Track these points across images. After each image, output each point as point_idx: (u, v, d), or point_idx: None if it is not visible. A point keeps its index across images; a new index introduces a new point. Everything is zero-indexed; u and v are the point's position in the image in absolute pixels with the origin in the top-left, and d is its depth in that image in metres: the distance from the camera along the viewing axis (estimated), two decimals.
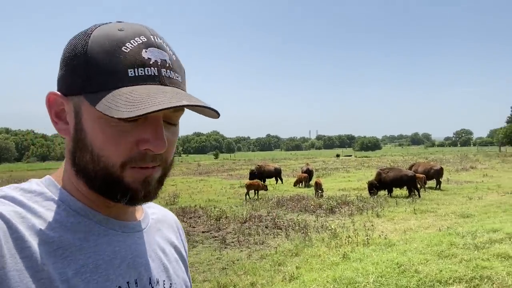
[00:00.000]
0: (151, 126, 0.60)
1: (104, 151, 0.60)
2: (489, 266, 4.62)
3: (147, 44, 0.61)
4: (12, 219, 0.55)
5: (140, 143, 0.60)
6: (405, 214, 9.93)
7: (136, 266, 0.67)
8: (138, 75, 0.59)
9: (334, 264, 5.64)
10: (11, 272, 0.52)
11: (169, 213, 0.88)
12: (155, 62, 0.61)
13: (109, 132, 0.59)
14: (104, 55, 0.59)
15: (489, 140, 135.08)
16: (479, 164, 28.12)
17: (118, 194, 0.62)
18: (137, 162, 0.61)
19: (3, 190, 0.61)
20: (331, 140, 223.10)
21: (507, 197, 12.17)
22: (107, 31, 0.62)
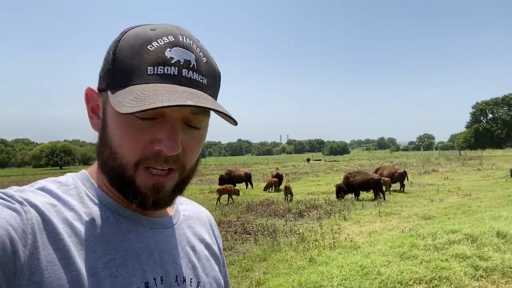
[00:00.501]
0: (167, 127, 0.60)
1: (121, 148, 0.61)
2: (448, 267, 4.80)
3: (173, 43, 0.62)
4: (46, 211, 0.57)
5: (154, 143, 0.60)
6: (370, 216, 10.18)
7: (163, 263, 0.67)
8: (157, 73, 0.59)
9: (300, 268, 5.68)
10: (44, 263, 0.53)
11: (202, 210, 0.88)
12: (177, 61, 0.61)
13: (126, 128, 0.60)
14: (130, 53, 0.61)
15: (450, 144, 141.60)
16: (440, 168, 29.37)
17: (130, 195, 0.63)
18: (150, 161, 0.61)
19: (41, 182, 0.63)
20: (301, 145, 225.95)
21: (466, 199, 12.74)
22: (139, 30, 0.64)
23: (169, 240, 0.71)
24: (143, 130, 0.60)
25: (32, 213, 0.56)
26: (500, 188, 14.91)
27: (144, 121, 0.59)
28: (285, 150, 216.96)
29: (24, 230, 0.53)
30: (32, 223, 0.55)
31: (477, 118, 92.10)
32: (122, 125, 0.60)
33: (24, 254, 0.52)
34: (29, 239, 0.53)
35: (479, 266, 4.78)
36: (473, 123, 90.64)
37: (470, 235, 6.02)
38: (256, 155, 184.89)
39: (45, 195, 0.60)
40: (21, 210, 0.55)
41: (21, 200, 0.56)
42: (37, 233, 0.54)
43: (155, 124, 0.60)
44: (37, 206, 0.57)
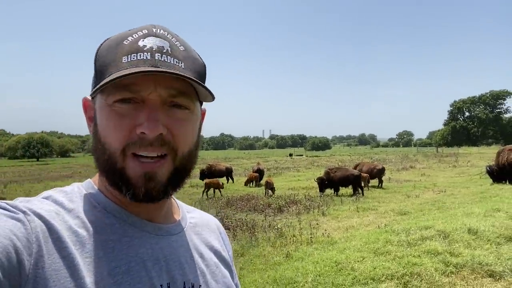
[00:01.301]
0: (146, 109, 0.62)
1: (107, 137, 0.62)
2: (419, 263, 4.89)
3: (147, 34, 0.65)
4: (51, 220, 0.58)
5: (137, 127, 0.61)
6: (348, 212, 10.31)
7: (170, 269, 0.67)
8: (130, 60, 0.61)
9: (276, 264, 5.70)
10: (49, 272, 0.53)
11: (211, 218, 0.89)
12: (150, 48, 0.63)
13: (110, 116, 0.62)
14: (107, 51, 0.64)
15: (428, 141, 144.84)
16: (418, 164, 30.01)
17: (123, 187, 0.63)
18: (135, 146, 0.61)
19: (48, 192, 0.64)
20: (284, 140, 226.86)
21: (441, 195, 13.06)
22: (119, 33, 0.67)
23: (175, 247, 0.70)
24: (125, 115, 0.61)
25: (36, 222, 0.56)
26: (474, 185, 15.35)
27: (125, 105, 0.61)
28: (267, 145, 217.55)
29: (28, 239, 0.53)
30: (37, 232, 0.55)
31: (455, 116, 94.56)
32: (107, 115, 0.62)
33: (29, 263, 0.52)
34: (34, 248, 0.53)
35: (449, 262, 4.89)
36: (450, 121, 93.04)
37: (442, 231, 6.15)
38: (239, 149, 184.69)
39: (50, 203, 0.61)
40: (24, 220, 0.55)
41: (24, 209, 0.57)
42: (42, 242, 0.55)
43: (136, 109, 0.62)
44: (41, 215, 0.57)
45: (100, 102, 0.64)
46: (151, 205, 0.68)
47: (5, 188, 19.41)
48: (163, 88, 0.62)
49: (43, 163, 60.63)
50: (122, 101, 0.61)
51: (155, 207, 0.70)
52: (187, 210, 0.83)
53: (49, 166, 46.16)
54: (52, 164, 54.16)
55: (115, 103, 0.61)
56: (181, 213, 0.80)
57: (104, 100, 0.62)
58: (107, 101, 0.62)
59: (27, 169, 39.55)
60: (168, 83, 0.63)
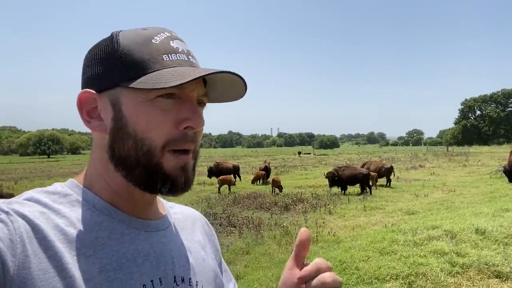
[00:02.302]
0: (188, 105, 0.64)
1: (148, 133, 0.62)
2: (425, 263, 4.85)
3: (171, 37, 0.67)
4: (35, 220, 0.57)
5: (179, 123, 0.63)
6: (355, 211, 10.26)
7: (160, 264, 0.67)
8: (172, 60, 0.64)
9: (281, 262, 5.70)
10: (36, 272, 0.53)
11: (194, 212, 0.89)
12: (182, 50, 0.67)
13: (152, 112, 0.62)
14: (137, 46, 0.64)
15: (438, 140, 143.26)
16: (427, 163, 29.70)
17: (159, 182, 0.63)
18: (177, 143, 0.63)
19: (28, 193, 0.63)
20: (291, 138, 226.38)
21: (451, 194, 12.91)
22: (133, 31, 0.67)
23: (164, 242, 0.71)
24: (168, 110, 0.63)
25: (20, 222, 0.55)
26: (484, 185, 15.15)
27: (168, 100, 0.63)
28: (275, 143, 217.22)
29: (12, 240, 0.52)
30: (20, 232, 0.54)
31: (466, 115, 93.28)
32: (148, 110, 0.62)
33: (14, 264, 0.51)
34: (18, 249, 0.52)
35: (456, 262, 4.84)
36: (461, 120, 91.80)
37: (449, 231, 6.09)
38: (247, 147, 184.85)
39: (33, 204, 0.60)
40: (7, 220, 0.54)
41: (7, 210, 0.55)
42: (27, 242, 0.54)
43: (177, 105, 0.64)
44: (24, 215, 0.56)
45: (134, 96, 0.63)
46: (141, 202, 0.69)
47: (15, 184, 19.74)
48: (200, 87, 0.67)
49: (53, 160, 61.50)
50: (164, 96, 0.62)
51: (144, 204, 0.70)
52: (169, 205, 0.83)
53: (59, 163, 46.78)
54: (62, 161, 54.88)
55: (158, 98, 0.62)
56: (165, 208, 0.80)
57: (143, 95, 0.62)
58: (148, 96, 0.62)
59: (38, 166, 40.13)
60: (201, 83, 0.68)
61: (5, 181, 21.54)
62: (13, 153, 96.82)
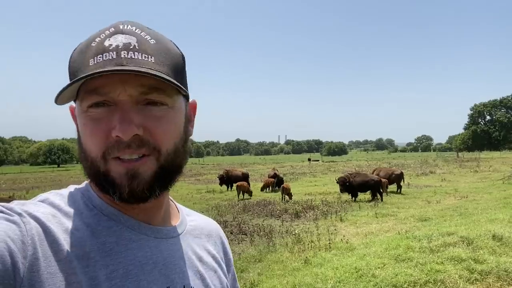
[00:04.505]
0: (118, 111, 0.59)
1: (87, 145, 0.61)
2: (443, 270, 4.77)
3: (113, 32, 0.62)
4: (47, 222, 0.56)
5: (112, 131, 0.59)
6: (367, 218, 10.16)
7: (169, 273, 0.66)
8: (97, 62, 0.59)
9: (295, 269, 5.65)
10: (45, 275, 0.52)
11: (211, 221, 0.86)
12: (115, 46, 0.60)
13: (87, 122, 0.60)
14: (77, 55, 0.62)
15: (447, 146, 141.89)
16: (438, 169, 29.37)
17: (110, 189, 0.61)
18: (113, 151, 0.59)
19: (43, 195, 0.63)
20: (299, 145, 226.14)
21: (463, 201, 12.73)
22: (89, 36, 0.64)
23: (174, 250, 0.69)
24: (100, 119, 0.60)
25: (32, 224, 0.55)
26: (497, 190, 14.91)
27: (99, 109, 0.60)
28: (283, 150, 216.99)
29: (23, 242, 0.52)
30: (32, 234, 0.54)
31: (475, 120, 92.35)
32: (83, 121, 0.61)
33: (24, 266, 0.51)
34: (29, 251, 0.52)
35: (474, 269, 4.75)
36: (471, 125, 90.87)
37: (466, 237, 5.99)
38: (254, 155, 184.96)
39: (47, 206, 0.60)
40: (20, 222, 0.54)
41: (20, 211, 0.55)
42: (38, 244, 0.53)
43: (109, 112, 0.60)
44: (37, 217, 0.56)
45: (77, 109, 0.63)
46: (148, 207, 0.66)
47: (27, 193, 19.95)
48: (132, 87, 0.59)
49: (63, 169, 62.07)
50: (95, 106, 0.60)
51: (152, 209, 0.68)
52: (186, 213, 0.81)
53: (69, 172, 47.21)
54: (72, 170, 55.34)
55: (89, 109, 0.60)
56: (181, 216, 0.78)
57: (79, 106, 0.61)
58: (82, 108, 0.61)
59: (48, 175, 40.55)
60: (137, 80, 0.59)
61: (17, 190, 21.80)
62: (23, 163, 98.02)
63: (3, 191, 21.58)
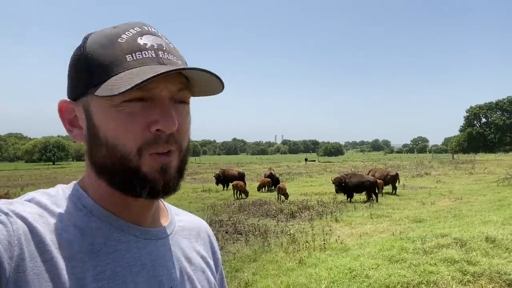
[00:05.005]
0: (158, 106, 0.60)
1: (119, 139, 0.60)
2: (436, 271, 4.79)
3: (141, 32, 0.63)
4: (34, 222, 0.56)
5: (151, 125, 0.60)
6: (362, 218, 10.19)
7: (157, 274, 0.65)
8: (137, 59, 0.60)
9: (289, 269, 5.66)
10: (31, 276, 0.52)
11: (200, 221, 0.86)
12: (151, 46, 0.62)
13: (120, 117, 0.59)
14: (102, 49, 0.61)
15: (443, 147, 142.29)
16: (433, 171, 29.51)
17: (137, 186, 0.61)
18: (152, 146, 0.60)
19: (30, 194, 0.62)
20: (296, 145, 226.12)
21: (458, 202, 12.80)
22: (102, 31, 0.64)
23: (162, 251, 0.68)
24: (136, 114, 0.59)
25: (19, 223, 0.54)
26: (491, 192, 15.01)
27: (135, 104, 0.59)
28: (279, 150, 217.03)
29: (10, 242, 0.52)
30: (19, 234, 0.53)
31: (471, 122, 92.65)
32: (114, 116, 0.59)
33: (10, 266, 0.51)
34: (15, 251, 0.52)
35: (467, 270, 4.78)
36: (466, 127, 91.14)
37: (459, 239, 6.03)
38: (251, 154, 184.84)
39: (33, 206, 0.59)
40: (6, 222, 0.53)
41: (7, 211, 0.55)
42: (24, 245, 0.53)
43: (146, 108, 0.60)
44: (24, 217, 0.55)
45: (101, 103, 0.60)
46: (142, 207, 0.67)
47: (22, 191, 19.82)
48: (173, 84, 0.62)
49: (59, 166, 61.76)
50: (130, 100, 0.59)
51: (145, 209, 0.68)
52: (175, 212, 0.80)
53: (65, 170, 46.98)
54: (68, 167, 55.11)
55: (124, 103, 0.59)
56: (170, 216, 0.77)
57: (108, 101, 0.59)
58: (113, 102, 0.59)
59: (43, 173, 40.32)
60: (177, 79, 0.62)
61: (12, 187, 21.65)
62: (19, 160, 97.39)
63: None
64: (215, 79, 0.63)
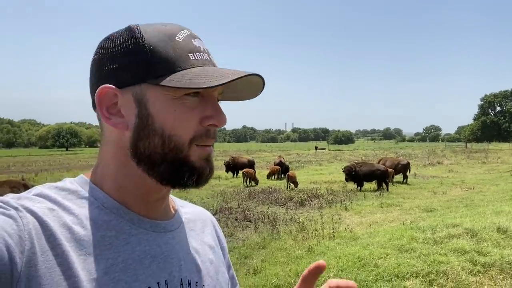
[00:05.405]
0: (211, 103, 0.66)
1: (176, 130, 0.63)
2: (446, 261, 4.78)
3: (192, 36, 0.67)
4: (44, 216, 0.56)
5: (203, 120, 0.64)
6: (372, 207, 10.16)
7: (167, 266, 0.67)
8: (197, 59, 0.65)
9: (298, 257, 5.70)
10: (42, 270, 0.52)
11: (205, 212, 0.88)
12: (204, 49, 0.68)
13: (180, 109, 0.63)
14: (162, 43, 0.63)
15: (456, 136, 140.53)
16: (445, 160, 29.15)
17: (186, 174, 0.64)
18: (202, 138, 0.65)
19: (38, 188, 0.62)
20: (306, 133, 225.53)
21: (470, 192, 12.66)
22: (153, 26, 0.66)
23: (172, 243, 0.70)
24: (194, 108, 0.64)
25: (29, 218, 0.54)
26: (504, 182, 14.80)
27: (194, 98, 0.64)
28: (289, 138, 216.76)
29: (20, 236, 0.52)
30: (29, 229, 0.53)
31: (485, 111, 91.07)
32: (177, 107, 0.63)
33: (22, 261, 0.51)
34: (26, 245, 0.52)
35: (477, 261, 4.76)
36: (480, 116, 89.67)
37: (470, 229, 5.98)
38: (261, 142, 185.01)
39: (43, 200, 0.59)
40: (16, 216, 0.54)
41: (17, 206, 0.55)
42: (35, 239, 0.53)
43: (201, 103, 0.65)
44: (34, 211, 0.56)
45: (161, 94, 0.63)
46: (153, 200, 0.69)
47: (36, 176, 20.26)
48: (221, 86, 0.65)
49: (72, 152, 62.80)
50: (190, 95, 0.63)
51: (157, 202, 0.70)
52: (180, 204, 0.82)
53: (77, 156, 47.75)
54: (80, 154, 55.98)
55: (185, 96, 0.63)
56: (176, 208, 0.79)
57: (170, 92, 0.62)
58: (176, 94, 0.62)
59: (57, 158, 41.05)
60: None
61: (26, 173, 22.12)
62: (32, 146, 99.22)
63: (13, 173, 21.93)
64: (258, 84, 0.70)
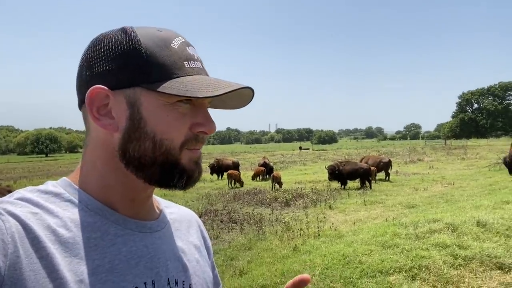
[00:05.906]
0: (202, 111, 0.68)
1: (168, 134, 0.64)
2: (428, 256, 4.88)
3: (186, 43, 0.68)
4: (27, 220, 0.56)
5: (193, 127, 0.66)
6: (356, 205, 10.29)
7: (154, 266, 0.67)
8: (192, 67, 0.66)
9: (284, 257, 5.72)
10: (27, 273, 0.52)
11: (189, 212, 0.89)
12: (197, 57, 0.69)
13: (172, 115, 0.64)
14: (159, 49, 0.64)
15: (436, 134, 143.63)
16: (426, 157, 29.76)
17: (176, 176, 0.66)
18: (192, 143, 0.67)
19: (20, 192, 0.62)
20: (290, 134, 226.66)
21: (450, 188, 12.96)
22: (148, 30, 0.66)
23: (158, 243, 0.70)
24: (185, 114, 0.65)
25: (12, 222, 0.54)
26: (483, 177, 15.22)
27: (186, 105, 0.65)
28: (273, 139, 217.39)
29: (3, 240, 0.52)
30: (12, 232, 0.53)
31: (463, 108, 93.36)
32: (169, 112, 0.64)
33: (5, 264, 0.51)
34: (9, 249, 0.52)
35: (458, 255, 4.87)
36: (458, 113, 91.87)
37: (451, 224, 6.12)
38: (245, 143, 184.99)
39: (25, 204, 0.58)
40: None
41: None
42: (18, 242, 0.53)
43: (192, 110, 0.66)
44: (16, 215, 0.55)
45: (154, 99, 0.63)
46: (139, 201, 0.70)
47: (14, 183, 19.66)
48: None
49: (52, 158, 61.35)
50: (182, 101, 0.64)
51: (143, 203, 0.71)
52: (165, 205, 0.82)
53: (58, 162, 46.68)
54: (61, 159, 54.74)
55: (178, 102, 0.64)
56: (161, 208, 0.79)
57: (164, 98, 0.63)
58: (169, 100, 0.63)
59: (36, 165, 40.02)
60: None
61: (4, 180, 21.47)
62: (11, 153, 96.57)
63: None
64: (248, 96, 0.73)
